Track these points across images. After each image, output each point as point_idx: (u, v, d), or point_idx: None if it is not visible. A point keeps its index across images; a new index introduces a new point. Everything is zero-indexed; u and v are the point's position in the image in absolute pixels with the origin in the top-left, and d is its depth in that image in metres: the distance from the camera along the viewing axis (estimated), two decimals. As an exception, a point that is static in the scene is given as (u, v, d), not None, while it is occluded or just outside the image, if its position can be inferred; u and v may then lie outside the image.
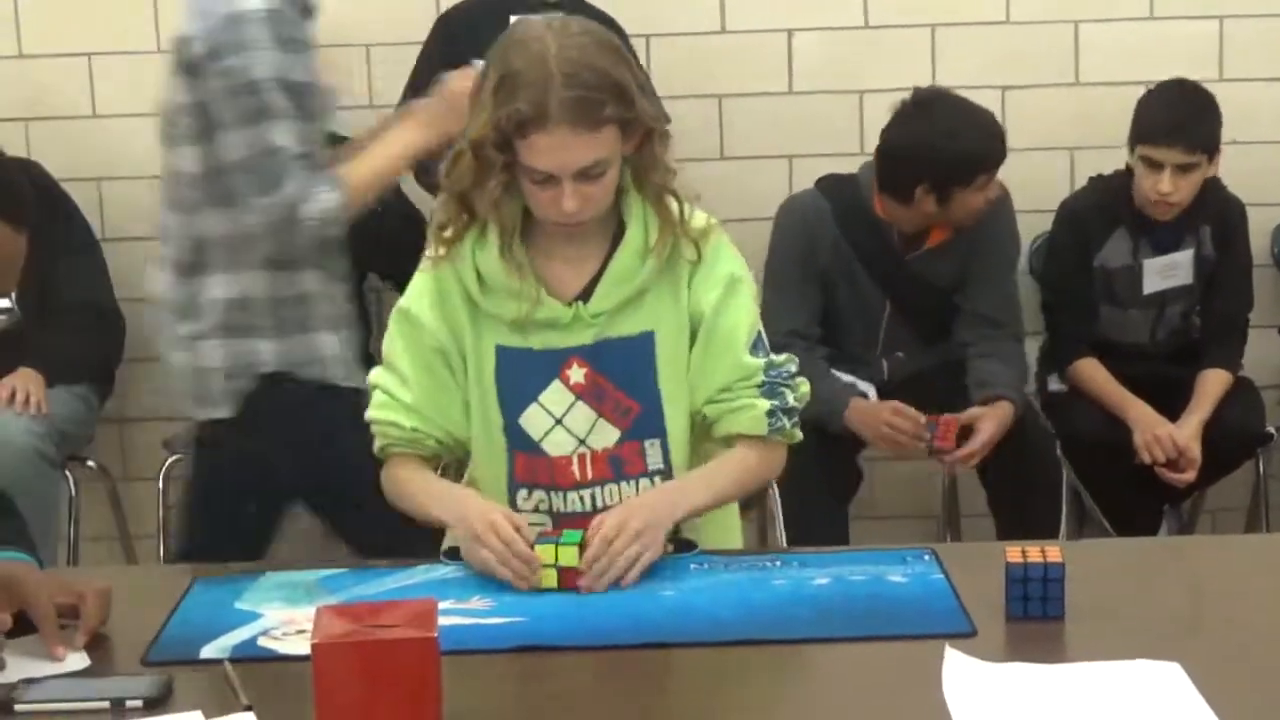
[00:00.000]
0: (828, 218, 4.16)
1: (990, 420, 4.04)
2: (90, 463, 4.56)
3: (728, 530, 2.69)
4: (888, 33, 4.68)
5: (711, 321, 2.57)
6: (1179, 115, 4.18)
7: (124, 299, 4.64)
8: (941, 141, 4.00)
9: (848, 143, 4.65)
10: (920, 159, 4.03)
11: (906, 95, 4.15)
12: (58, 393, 4.29)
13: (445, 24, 4.42)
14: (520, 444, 2.57)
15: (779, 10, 4.68)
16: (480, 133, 2.44)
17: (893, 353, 4.27)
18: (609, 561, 2.38)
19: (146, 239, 4.73)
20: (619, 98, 2.44)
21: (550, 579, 2.36)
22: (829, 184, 4.28)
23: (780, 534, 4.08)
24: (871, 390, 4.19)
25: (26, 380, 4.22)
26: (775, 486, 4.06)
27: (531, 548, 2.38)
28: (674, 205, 2.54)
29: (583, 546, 2.37)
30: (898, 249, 4.18)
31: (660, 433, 2.57)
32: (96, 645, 2.18)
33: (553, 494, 2.58)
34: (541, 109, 2.39)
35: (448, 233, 2.54)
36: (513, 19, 4.23)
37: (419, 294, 2.60)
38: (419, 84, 4.37)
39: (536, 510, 2.58)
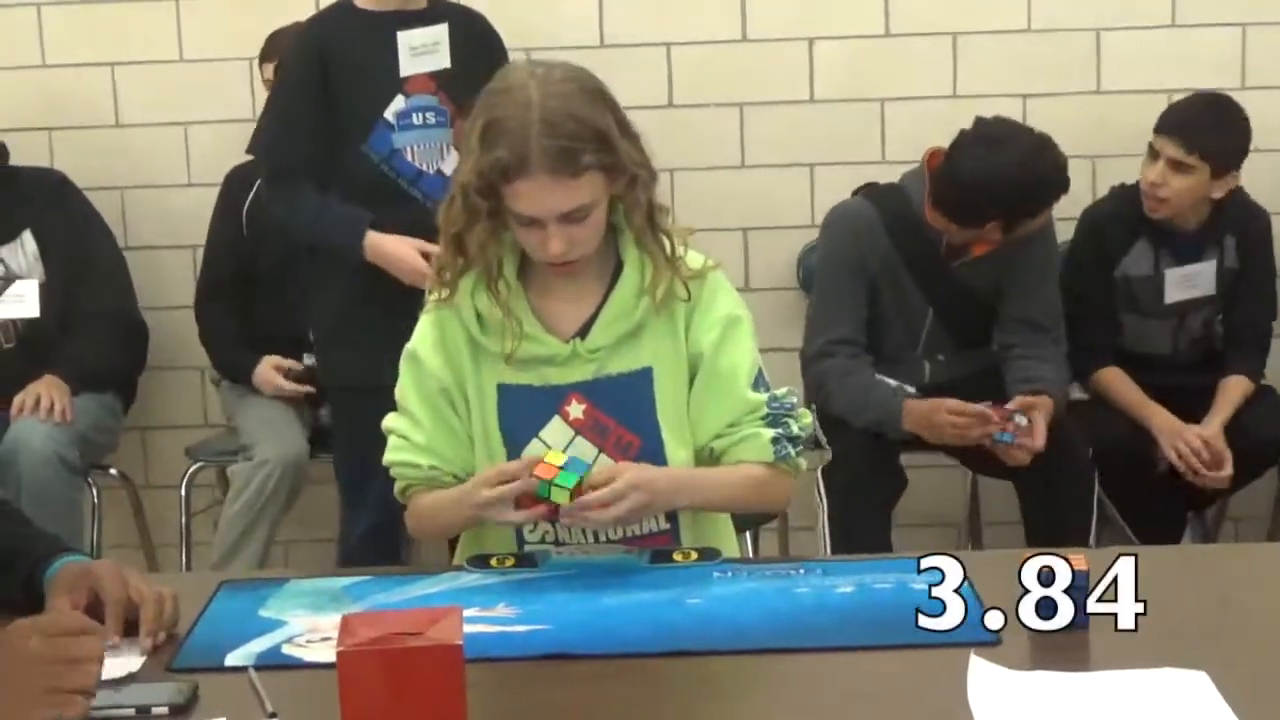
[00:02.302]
0: (877, 225, 4.16)
1: (1039, 410, 4.03)
2: (112, 471, 4.57)
3: (722, 541, 2.69)
4: (909, 41, 4.68)
5: (711, 361, 2.61)
6: (1190, 114, 4.21)
7: (147, 307, 4.66)
8: (1019, 180, 4.00)
9: (869, 151, 4.66)
10: (996, 197, 4.02)
11: (967, 125, 4.11)
12: (82, 400, 4.30)
13: (316, 36, 4.04)
14: None
15: (800, 19, 4.68)
16: (466, 179, 2.49)
17: (934, 355, 4.27)
18: (599, 514, 2.45)
19: (169, 248, 4.78)
20: (600, 145, 2.47)
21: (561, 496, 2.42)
22: (874, 193, 4.27)
23: (825, 539, 4.07)
24: (913, 392, 4.17)
25: (51, 388, 4.23)
26: (823, 492, 4.06)
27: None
28: (665, 245, 2.57)
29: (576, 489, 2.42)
30: (944, 256, 4.18)
31: (662, 466, 2.59)
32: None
33: (557, 525, 2.59)
34: (522, 157, 2.43)
35: (446, 275, 2.59)
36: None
37: (423, 336, 2.64)
38: (288, 97, 4.01)
39: (543, 541, 2.61)
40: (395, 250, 3.85)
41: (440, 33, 3.99)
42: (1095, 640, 2.15)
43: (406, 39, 3.97)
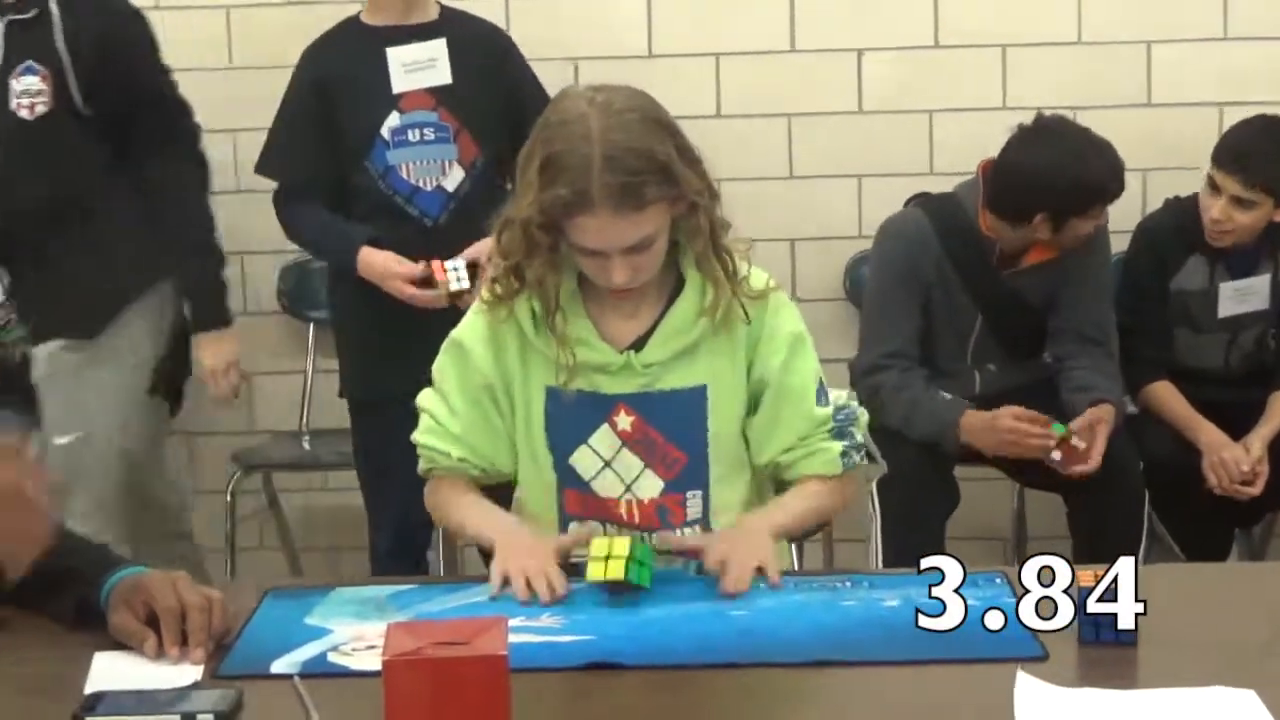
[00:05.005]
0: (930, 235, 4.15)
1: (1103, 423, 4.02)
2: (159, 477, 4.58)
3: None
4: (958, 53, 4.67)
5: (780, 382, 2.61)
6: (1252, 147, 4.15)
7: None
8: (1068, 172, 3.98)
9: (917, 163, 4.64)
10: (1044, 187, 4.01)
11: (1026, 120, 4.12)
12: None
13: (315, 56, 4.06)
14: (571, 481, 2.62)
15: (849, 30, 4.67)
16: (526, 213, 2.46)
17: (983, 365, 4.26)
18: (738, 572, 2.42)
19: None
20: (663, 177, 2.44)
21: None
22: (927, 203, 4.26)
23: (877, 552, 4.06)
24: (969, 405, 4.15)
25: None
26: (877, 506, 4.05)
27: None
28: (728, 263, 2.56)
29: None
30: (995, 265, 4.17)
31: (703, 485, 2.61)
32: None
33: (606, 526, 2.61)
34: (584, 194, 2.40)
35: (498, 291, 2.58)
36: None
37: (472, 328, 2.64)
38: (292, 116, 4.03)
39: (589, 541, 2.59)
40: (383, 267, 3.86)
41: (437, 48, 3.97)
42: (1143, 657, 2.14)
43: (397, 55, 3.95)
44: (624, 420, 2.57)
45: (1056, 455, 3.98)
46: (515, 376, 2.60)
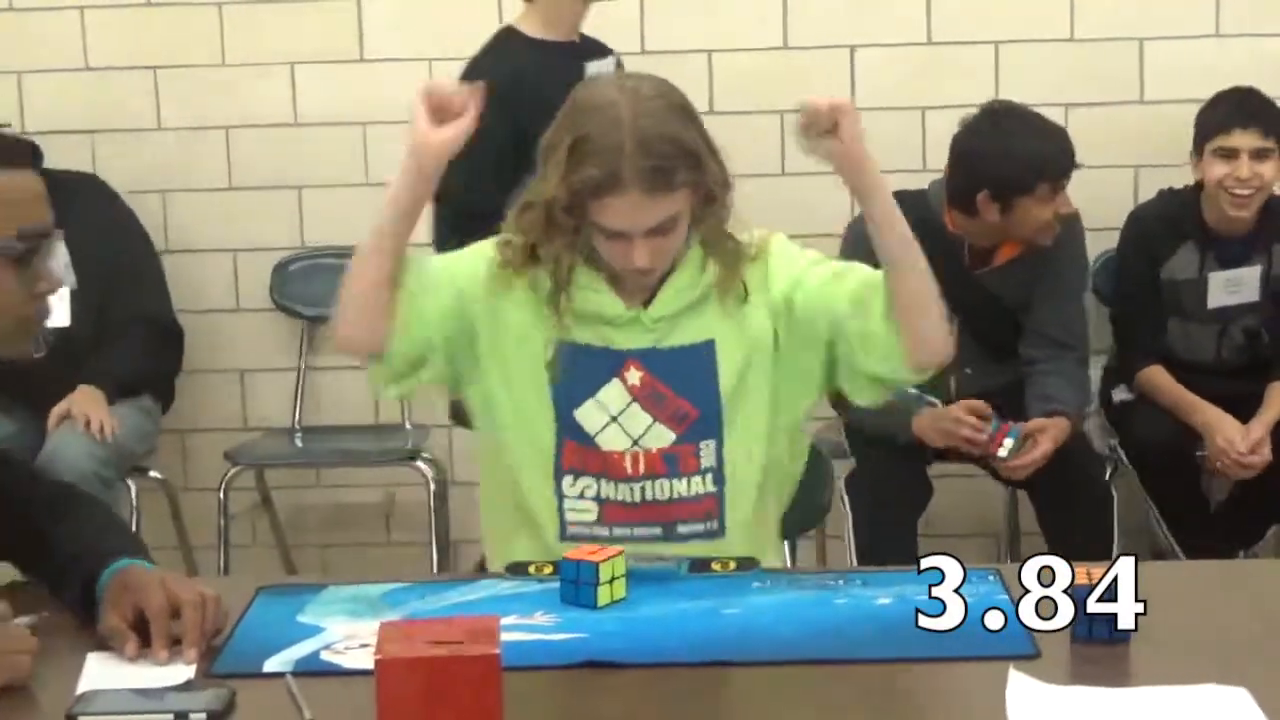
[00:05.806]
0: None
1: (1049, 433, 4.03)
2: (152, 473, 4.57)
3: (765, 548, 2.71)
4: (951, 49, 4.67)
5: (792, 292, 2.64)
6: (1249, 104, 4.24)
7: (187, 310, 4.67)
8: (1002, 148, 4.01)
9: (910, 160, 4.64)
10: (981, 165, 4.03)
11: (975, 109, 4.14)
12: (121, 409, 4.25)
13: (491, 71, 3.73)
14: (573, 434, 2.61)
15: (842, 27, 4.68)
16: (552, 194, 2.48)
17: (960, 368, 4.25)
18: None
19: (209, 251, 4.80)
20: (691, 163, 2.50)
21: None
22: (897, 199, 4.25)
23: (850, 549, 4.06)
24: (939, 405, 4.16)
25: (88, 401, 4.17)
26: (846, 501, 4.04)
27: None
28: (735, 246, 2.61)
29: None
30: (967, 265, 4.16)
31: (716, 434, 2.62)
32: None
33: (602, 482, 2.61)
34: (615, 175, 2.44)
35: (507, 255, 2.60)
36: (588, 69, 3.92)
37: (479, 253, 2.63)
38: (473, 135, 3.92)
39: (582, 496, 2.62)
40: None
41: (611, 65, 4.04)
42: (1135, 655, 2.14)
43: (596, 70, 3.94)
44: (634, 375, 2.59)
45: (1002, 452, 4.01)
46: (509, 319, 2.60)
